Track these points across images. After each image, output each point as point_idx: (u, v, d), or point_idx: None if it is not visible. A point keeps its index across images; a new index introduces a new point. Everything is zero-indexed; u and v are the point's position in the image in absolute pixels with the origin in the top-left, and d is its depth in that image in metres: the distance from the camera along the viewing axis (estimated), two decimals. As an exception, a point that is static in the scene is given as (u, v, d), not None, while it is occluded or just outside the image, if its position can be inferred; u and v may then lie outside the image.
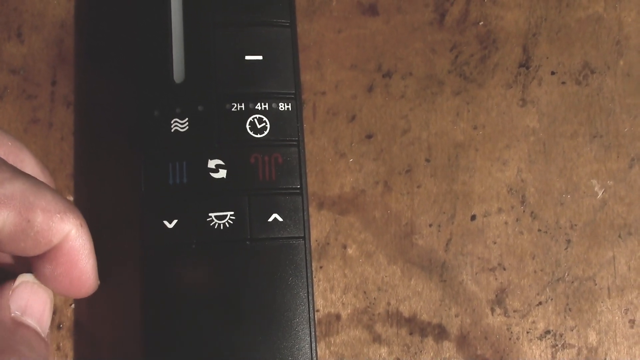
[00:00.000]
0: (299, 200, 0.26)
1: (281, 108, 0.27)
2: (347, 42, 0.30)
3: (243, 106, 0.27)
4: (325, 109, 0.30)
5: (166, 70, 0.27)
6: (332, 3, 0.30)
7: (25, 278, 0.24)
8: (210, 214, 0.26)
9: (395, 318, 0.28)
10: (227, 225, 0.26)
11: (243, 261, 0.26)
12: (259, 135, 0.26)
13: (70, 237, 0.23)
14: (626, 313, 0.29)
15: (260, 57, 0.27)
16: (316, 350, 0.26)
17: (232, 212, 0.26)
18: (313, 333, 0.26)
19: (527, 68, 0.30)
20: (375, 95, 0.30)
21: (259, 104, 0.27)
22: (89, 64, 0.29)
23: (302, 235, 0.26)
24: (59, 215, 0.23)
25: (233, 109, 0.27)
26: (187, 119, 0.26)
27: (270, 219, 0.26)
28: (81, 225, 0.24)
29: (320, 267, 0.29)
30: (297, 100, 0.27)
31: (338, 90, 0.30)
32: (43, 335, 0.24)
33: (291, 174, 0.27)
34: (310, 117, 0.30)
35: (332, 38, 0.30)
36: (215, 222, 0.26)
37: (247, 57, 0.27)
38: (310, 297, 0.26)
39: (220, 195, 0.26)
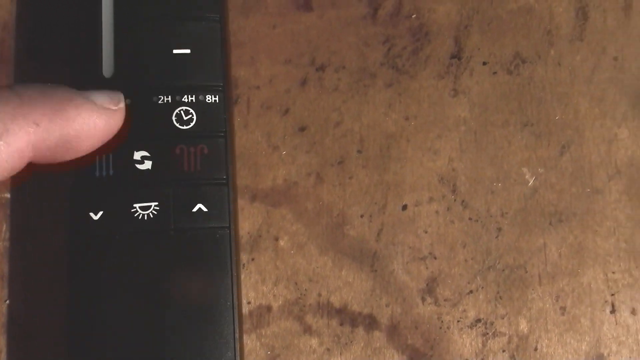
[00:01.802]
0: (224, 190, 0.27)
1: (208, 100, 0.27)
2: (281, 37, 0.30)
3: (170, 98, 0.27)
4: (259, 103, 0.30)
5: (95, 64, 0.27)
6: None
7: None
8: (135, 205, 0.26)
9: (326, 309, 0.28)
10: (152, 216, 0.26)
11: (167, 251, 0.26)
12: (185, 127, 0.27)
13: None
14: (557, 300, 0.28)
15: (188, 51, 0.28)
16: (240, 340, 0.26)
17: (157, 203, 0.26)
18: (237, 324, 0.26)
19: (459, 59, 0.30)
20: (309, 88, 0.30)
21: (185, 96, 0.27)
22: (29, 62, 0.30)
23: (227, 225, 0.26)
24: None
25: (160, 102, 0.27)
26: None
27: (195, 209, 0.26)
28: None
29: (252, 259, 0.29)
30: (225, 92, 0.28)
31: (272, 85, 0.30)
32: None
33: (217, 165, 0.27)
34: (245, 111, 0.30)
35: (266, 33, 0.31)
36: (140, 213, 0.26)
37: (175, 51, 0.28)
38: (234, 287, 0.26)
39: (145, 186, 0.26)
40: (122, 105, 0.25)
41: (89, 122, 0.23)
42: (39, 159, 0.22)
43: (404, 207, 0.29)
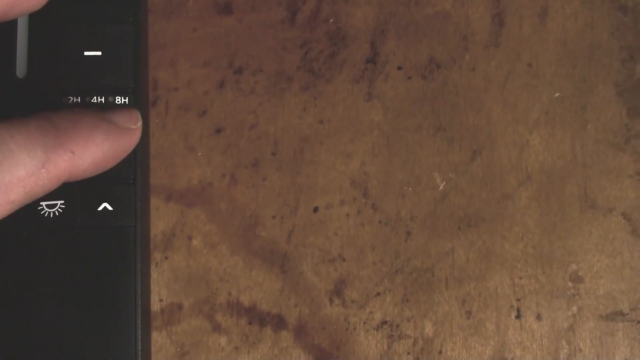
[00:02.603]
0: (131, 190, 0.27)
1: (118, 101, 0.28)
2: (201, 40, 0.31)
3: (79, 99, 0.28)
4: (177, 105, 0.30)
5: (9, 65, 0.28)
6: (188, 3, 0.31)
7: None
8: (41, 203, 0.27)
9: (236, 308, 0.29)
10: (57, 214, 0.27)
11: (72, 249, 0.27)
12: (93, 128, 0.27)
13: None
14: (463, 304, 0.29)
15: (99, 53, 0.28)
16: (145, 337, 0.26)
17: (63, 201, 0.27)
18: (139, 320, 0.26)
19: (375, 64, 0.30)
20: (226, 91, 0.30)
21: (95, 97, 0.28)
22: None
23: (133, 224, 0.27)
24: None
25: (70, 102, 0.28)
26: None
27: (100, 208, 0.27)
28: None
29: (166, 258, 0.29)
30: (136, 94, 0.28)
31: (190, 87, 0.31)
32: None
33: (124, 165, 0.27)
34: (163, 112, 0.30)
35: (187, 37, 0.31)
36: (46, 211, 0.27)
37: (87, 53, 0.28)
38: (137, 285, 0.27)
39: (52, 184, 0.27)
40: (140, 123, 0.27)
41: (114, 145, 0.25)
42: (69, 180, 0.24)
43: (315, 210, 0.29)
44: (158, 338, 0.29)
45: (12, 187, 0.22)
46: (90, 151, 0.24)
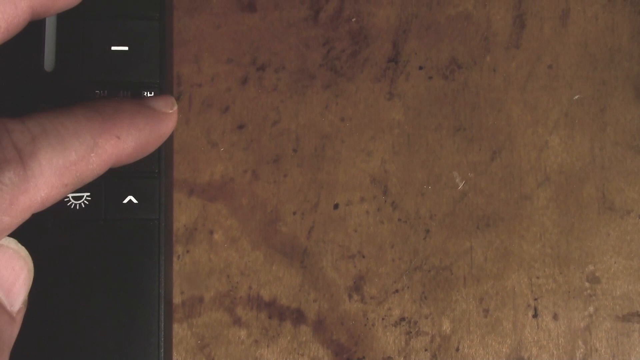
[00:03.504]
0: (155, 183, 0.28)
1: (145, 96, 0.28)
2: (224, 37, 0.31)
3: (106, 93, 0.28)
4: (201, 101, 0.31)
5: (38, 59, 0.28)
6: (212, 0, 0.32)
7: (3, 242, 0.24)
8: (68, 195, 0.27)
9: (256, 302, 0.29)
10: (83, 206, 0.27)
11: (97, 241, 0.27)
12: (119, 122, 0.28)
13: None
14: (481, 302, 0.29)
15: (126, 48, 0.29)
16: (167, 329, 0.27)
17: (89, 193, 0.27)
18: (162, 312, 0.27)
19: (396, 63, 0.31)
20: (249, 87, 0.31)
21: (122, 92, 0.28)
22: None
23: (157, 217, 0.27)
24: None
25: (97, 96, 0.28)
26: (54, 106, 0.28)
27: (125, 201, 0.27)
28: None
29: (187, 251, 0.30)
30: (162, 89, 0.28)
31: (214, 83, 0.31)
32: (9, 308, 0.23)
33: (149, 159, 0.28)
34: (186, 108, 0.31)
35: (210, 33, 0.31)
36: (73, 203, 0.27)
37: (114, 48, 0.29)
38: (161, 277, 0.27)
39: (78, 177, 0.27)
40: (176, 107, 0.27)
41: (155, 129, 0.26)
42: (115, 164, 0.25)
43: (336, 206, 0.30)
44: (179, 330, 0.29)
45: (65, 171, 0.23)
46: (134, 135, 0.25)
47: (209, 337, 0.29)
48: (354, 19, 0.31)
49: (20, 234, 0.28)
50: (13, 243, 0.24)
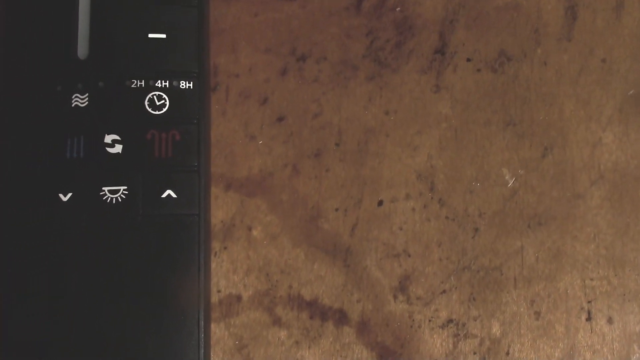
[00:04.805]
0: (195, 178, 0.26)
1: (182, 86, 0.27)
2: (262, 25, 0.30)
3: (143, 83, 0.27)
4: (238, 92, 0.30)
5: (71, 46, 0.27)
6: (250, -13, 0.30)
7: None
8: (104, 188, 0.26)
9: (296, 301, 0.28)
10: (120, 200, 0.26)
11: (134, 236, 0.26)
12: (157, 112, 0.27)
13: None
14: (532, 305, 0.28)
15: (163, 36, 0.27)
16: (206, 328, 0.26)
17: (126, 187, 0.26)
18: (202, 312, 0.26)
19: (443, 54, 0.30)
20: (288, 78, 0.30)
21: (159, 81, 0.27)
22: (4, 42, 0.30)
23: (197, 212, 0.26)
24: None
25: (133, 86, 0.27)
26: (87, 94, 0.27)
27: (164, 195, 0.26)
28: None
29: (225, 248, 0.28)
30: (200, 79, 0.27)
31: (251, 74, 0.30)
32: None
33: (188, 152, 0.27)
34: (223, 99, 0.30)
35: (248, 21, 0.30)
36: (108, 197, 0.26)
37: (151, 35, 0.27)
38: (201, 275, 0.26)
39: (114, 170, 0.26)
40: None
41: None
42: None
43: (380, 203, 0.29)
44: (216, 330, 0.28)
45: None
46: None
47: (247, 338, 0.28)
48: (398, 9, 0.30)
49: (54, 230, 0.26)
50: None
